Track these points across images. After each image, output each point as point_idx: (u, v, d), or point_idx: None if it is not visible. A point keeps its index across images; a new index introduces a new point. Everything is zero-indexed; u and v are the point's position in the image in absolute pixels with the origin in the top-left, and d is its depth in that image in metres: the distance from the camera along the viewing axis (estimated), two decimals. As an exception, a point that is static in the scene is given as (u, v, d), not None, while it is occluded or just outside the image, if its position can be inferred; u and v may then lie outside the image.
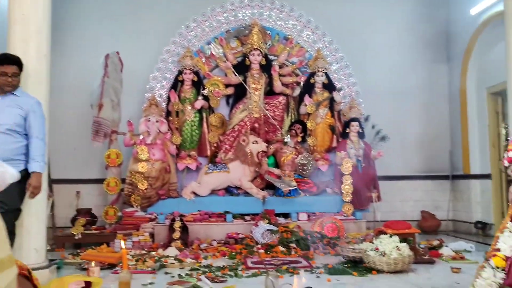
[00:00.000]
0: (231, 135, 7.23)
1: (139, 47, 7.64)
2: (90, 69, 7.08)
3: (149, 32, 7.72)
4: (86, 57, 7.50)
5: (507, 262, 1.51)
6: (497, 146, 7.23)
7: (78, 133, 7.37)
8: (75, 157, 7.49)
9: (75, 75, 7.52)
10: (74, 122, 7.46)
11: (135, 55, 7.44)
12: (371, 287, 3.78)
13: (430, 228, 7.53)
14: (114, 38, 7.57)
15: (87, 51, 7.56)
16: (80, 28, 7.73)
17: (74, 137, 7.44)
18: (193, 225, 6.24)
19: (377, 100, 7.65)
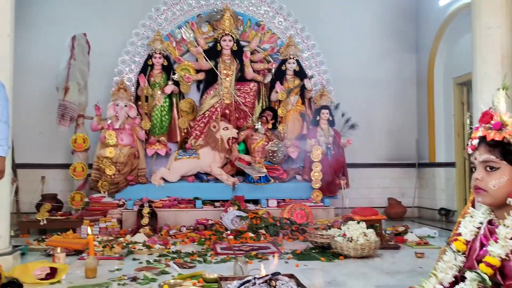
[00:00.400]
0: (201, 121, 7.18)
1: (107, 29, 7.46)
2: (56, 50, 6.87)
3: (117, 14, 7.54)
4: (52, 38, 7.27)
5: (467, 246, 1.55)
6: (461, 135, 7.42)
7: (43, 116, 7.18)
8: (40, 141, 7.30)
9: (40, 57, 7.30)
10: (39, 105, 7.26)
11: (103, 37, 7.26)
12: (338, 272, 3.84)
13: (396, 214, 7.71)
14: (81, 19, 7.36)
15: (53, 32, 7.33)
16: (46, 8, 7.49)
17: (39, 121, 7.24)
18: (162, 211, 6.20)
19: (347, 88, 7.73)
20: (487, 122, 1.50)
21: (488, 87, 4.35)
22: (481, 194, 1.50)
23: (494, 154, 1.46)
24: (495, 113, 1.49)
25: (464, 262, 1.54)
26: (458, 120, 7.47)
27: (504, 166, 1.45)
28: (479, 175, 1.49)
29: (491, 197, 1.48)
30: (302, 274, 3.53)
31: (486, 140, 1.48)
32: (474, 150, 1.52)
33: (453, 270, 1.55)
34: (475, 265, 1.48)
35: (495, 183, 1.46)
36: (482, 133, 1.50)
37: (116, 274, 3.70)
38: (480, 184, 1.49)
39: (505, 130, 1.45)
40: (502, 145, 1.45)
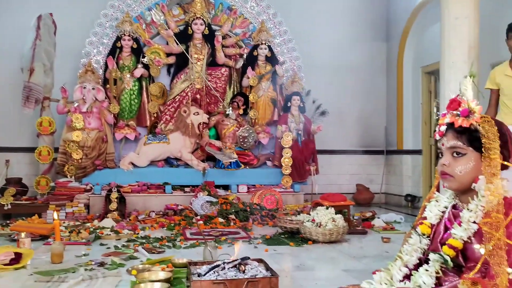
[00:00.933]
0: (171, 105, 7.09)
1: (74, 9, 7.23)
2: (21, 30, 6.63)
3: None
4: (16, 17, 7.01)
5: (432, 230, 1.59)
6: (428, 123, 7.59)
7: (7, 98, 6.95)
8: (4, 124, 7.06)
9: (4, 37, 7.03)
10: (3, 87, 7.02)
11: (70, 18, 7.04)
12: (306, 257, 3.89)
13: (364, 200, 7.85)
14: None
15: (17, 11, 7.06)
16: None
17: (3, 103, 7.01)
18: (131, 196, 6.13)
19: (318, 75, 7.77)
20: (454, 109, 1.53)
21: (455, 76, 4.45)
22: (447, 180, 1.53)
23: (461, 140, 1.49)
24: (463, 100, 1.51)
25: (429, 245, 1.58)
26: (425, 108, 7.64)
27: (470, 152, 1.48)
28: (446, 161, 1.52)
29: (457, 182, 1.51)
30: (271, 259, 3.56)
31: (454, 127, 1.51)
32: (442, 136, 1.55)
33: (418, 253, 1.59)
34: (439, 248, 1.52)
35: (461, 168, 1.49)
36: (449, 120, 1.53)
37: (83, 260, 3.65)
38: (447, 170, 1.52)
39: (472, 117, 1.48)
40: (469, 131, 1.48)
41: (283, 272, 3.28)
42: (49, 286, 2.91)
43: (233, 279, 2.72)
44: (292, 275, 3.30)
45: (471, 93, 1.52)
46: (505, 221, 1.36)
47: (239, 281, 2.71)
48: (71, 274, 3.21)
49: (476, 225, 1.38)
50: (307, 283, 3.01)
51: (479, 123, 1.47)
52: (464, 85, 1.53)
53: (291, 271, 3.43)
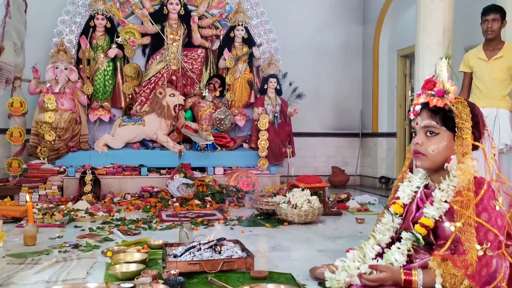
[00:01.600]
0: (147, 87, 6.99)
1: (45, -14, 7.01)
2: (-12, 7, 6.39)
3: (57, -29, 7.08)
4: (-17, -7, 6.75)
5: (404, 209, 1.63)
6: (403, 107, 7.70)
7: (-25, 78, 6.71)
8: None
9: (-30, 13, 6.76)
10: (-30, 66, 6.77)
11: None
12: (282, 238, 3.93)
13: (340, 182, 7.95)
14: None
15: (-16, -13, 6.79)
16: (-24, -40, 6.90)
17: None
18: (106, 178, 6.06)
19: (295, 57, 7.77)
20: (430, 89, 1.55)
21: (429, 59, 4.49)
22: (420, 158, 1.56)
23: (435, 120, 1.52)
24: (438, 81, 1.53)
25: (401, 224, 1.62)
26: (400, 91, 7.74)
27: (444, 132, 1.51)
28: (419, 140, 1.55)
29: (430, 161, 1.54)
30: (247, 240, 3.59)
31: (428, 106, 1.54)
32: (416, 116, 1.57)
33: (391, 232, 1.62)
34: (411, 226, 1.55)
35: (434, 147, 1.52)
36: (424, 100, 1.55)
37: (57, 242, 3.60)
38: (420, 149, 1.55)
39: (447, 97, 1.51)
40: (443, 111, 1.51)
41: (258, 253, 3.32)
42: (22, 268, 2.87)
43: (209, 260, 2.74)
44: (268, 255, 3.34)
45: (446, 74, 1.54)
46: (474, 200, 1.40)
47: (215, 261, 2.73)
48: (45, 256, 3.17)
49: (447, 204, 1.41)
50: (282, 263, 3.05)
51: (453, 103, 1.50)
52: (440, 66, 1.55)
53: (267, 252, 3.46)
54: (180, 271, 2.61)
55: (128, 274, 2.63)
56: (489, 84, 4.22)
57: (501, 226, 1.40)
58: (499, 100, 4.21)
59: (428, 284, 1.38)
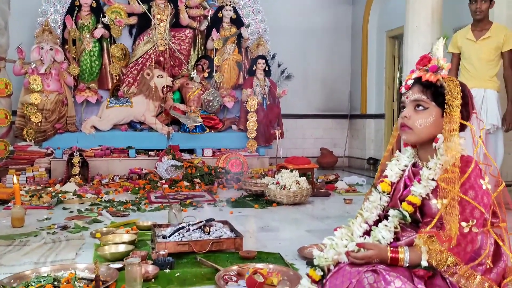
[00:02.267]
0: (134, 68, 6.90)
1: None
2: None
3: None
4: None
5: (392, 187, 1.64)
6: (392, 88, 7.71)
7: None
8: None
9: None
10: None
11: (24, -26, 6.66)
12: (271, 218, 3.96)
13: (328, 164, 8.00)
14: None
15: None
16: None
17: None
18: (93, 161, 6.02)
19: (283, 38, 7.72)
20: (424, 65, 1.56)
21: (418, 40, 4.50)
22: (406, 132, 1.57)
23: (426, 94, 1.53)
24: (433, 58, 1.54)
25: (388, 202, 1.63)
26: (389, 73, 7.74)
27: (433, 107, 1.52)
28: (407, 113, 1.56)
29: (416, 135, 1.56)
30: (236, 221, 3.60)
31: (421, 81, 1.54)
32: (408, 90, 1.58)
33: (378, 210, 1.64)
34: (398, 204, 1.57)
35: (421, 122, 1.54)
36: (417, 75, 1.56)
37: (45, 223, 3.59)
38: (407, 122, 1.56)
39: (440, 72, 1.51)
40: (435, 87, 1.52)
41: (247, 233, 3.34)
42: (10, 250, 2.86)
43: (198, 240, 2.75)
44: (257, 236, 3.36)
45: (442, 53, 1.55)
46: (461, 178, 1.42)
47: (204, 242, 2.75)
48: (33, 237, 3.17)
49: (434, 182, 1.42)
50: (271, 243, 3.07)
51: (445, 80, 1.51)
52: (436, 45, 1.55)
53: (256, 232, 3.48)
54: (169, 252, 2.63)
55: (117, 255, 2.63)
56: (476, 64, 4.24)
57: (487, 204, 1.42)
58: (487, 81, 4.24)
59: (414, 261, 1.40)
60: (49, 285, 2.13)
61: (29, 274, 2.31)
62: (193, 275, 2.40)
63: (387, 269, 1.37)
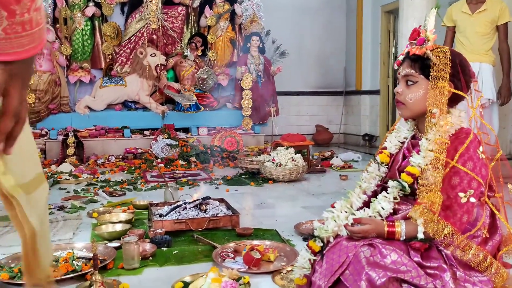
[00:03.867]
0: (127, 46, 6.82)
1: None
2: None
3: None
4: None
5: (390, 159, 1.65)
6: (387, 64, 7.67)
7: None
8: None
9: None
10: None
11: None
12: (267, 195, 3.97)
13: (324, 141, 8.01)
14: None
15: None
16: None
17: None
18: (88, 141, 5.99)
19: (277, 15, 7.63)
20: (413, 39, 1.55)
21: (413, 14, 4.45)
22: (400, 107, 1.58)
23: (414, 68, 1.53)
24: (422, 31, 1.53)
25: (387, 173, 1.64)
26: (384, 48, 7.68)
27: (422, 80, 1.52)
28: (399, 89, 1.57)
29: (408, 110, 1.57)
30: (232, 198, 3.62)
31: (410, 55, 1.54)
32: (399, 66, 1.58)
33: (376, 180, 1.65)
34: (396, 175, 1.57)
35: (411, 96, 1.54)
36: (407, 49, 1.56)
37: (41, 205, 3.59)
38: (400, 98, 1.57)
39: (426, 45, 1.50)
40: (422, 59, 1.51)
41: (244, 211, 3.36)
42: (7, 230, 2.86)
43: (194, 218, 2.76)
44: (253, 213, 3.38)
45: (433, 24, 1.53)
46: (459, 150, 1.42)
47: (201, 219, 2.76)
48: (30, 219, 3.16)
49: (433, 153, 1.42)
50: (267, 220, 3.09)
51: (432, 52, 1.49)
52: (428, 16, 1.54)
53: (252, 209, 3.50)
54: (166, 230, 2.64)
55: (114, 234, 2.64)
56: (472, 38, 4.21)
57: (484, 175, 1.43)
58: (482, 55, 4.22)
59: (411, 234, 1.41)
60: (47, 264, 2.14)
61: (27, 254, 2.31)
62: (190, 253, 2.42)
63: (383, 242, 1.38)
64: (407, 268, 1.32)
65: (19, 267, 2.15)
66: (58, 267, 2.12)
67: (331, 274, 1.37)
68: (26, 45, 0.72)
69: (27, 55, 0.73)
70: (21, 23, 0.69)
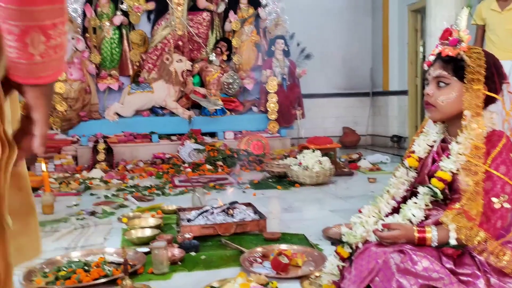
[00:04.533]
0: (153, 53, 6.93)
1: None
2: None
3: None
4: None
5: (419, 163, 1.60)
6: (414, 63, 7.54)
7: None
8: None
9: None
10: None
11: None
12: (293, 199, 3.96)
13: (351, 143, 7.93)
14: None
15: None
16: None
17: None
18: (118, 147, 6.10)
19: (302, 17, 7.61)
20: (445, 39, 1.50)
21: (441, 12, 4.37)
22: (430, 109, 1.52)
23: (447, 70, 1.47)
24: (454, 30, 1.48)
25: (415, 178, 1.60)
26: (411, 47, 7.56)
27: (455, 82, 1.47)
28: (430, 91, 1.51)
29: (440, 113, 1.51)
30: (259, 202, 3.61)
31: (442, 56, 1.49)
32: (430, 66, 1.53)
33: (405, 185, 1.60)
34: (426, 180, 1.53)
35: (443, 98, 1.48)
36: (438, 50, 1.51)
37: (74, 210, 3.68)
38: (430, 100, 1.51)
39: (459, 46, 1.46)
40: (455, 61, 1.46)
41: (271, 215, 3.35)
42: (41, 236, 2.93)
43: (222, 223, 2.77)
44: (280, 217, 3.37)
45: (465, 24, 1.49)
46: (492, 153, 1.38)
47: (228, 224, 2.77)
48: (63, 223, 3.24)
49: (464, 157, 1.38)
50: (294, 224, 3.08)
51: (466, 53, 1.45)
52: (460, 15, 1.49)
53: (279, 213, 3.50)
54: (194, 235, 2.66)
55: (144, 239, 2.68)
56: (502, 35, 4.11)
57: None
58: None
59: (443, 240, 1.36)
60: (80, 269, 2.19)
61: (60, 259, 2.37)
62: (218, 258, 2.43)
63: (413, 249, 1.35)
64: (439, 275, 1.29)
65: (54, 271, 2.21)
66: (90, 272, 2.17)
67: (360, 281, 1.36)
68: (56, 68, 0.76)
69: (56, 78, 0.78)
70: (54, 47, 0.73)
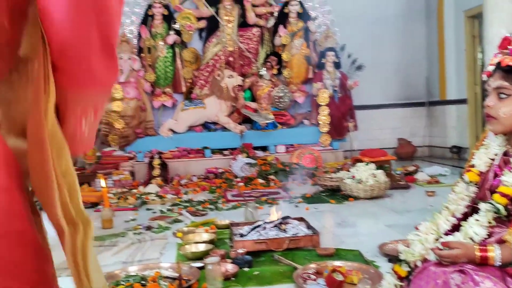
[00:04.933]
0: (205, 70, 7.08)
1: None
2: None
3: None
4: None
5: (480, 177, 1.52)
6: (472, 70, 7.23)
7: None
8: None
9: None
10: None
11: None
12: (347, 213, 3.88)
13: (407, 154, 7.70)
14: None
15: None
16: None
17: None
18: (172, 162, 6.25)
19: (352, 28, 7.51)
20: (504, 48, 1.43)
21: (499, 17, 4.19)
22: (491, 122, 1.44)
23: (508, 80, 1.39)
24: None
25: (476, 193, 1.51)
26: (469, 54, 7.26)
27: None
28: (490, 102, 1.43)
29: (501, 125, 1.43)
30: (312, 217, 3.57)
31: (501, 66, 1.41)
32: (489, 77, 1.46)
33: (465, 201, 1.51)
34: (487, 196, 1.45)
35: (505, 110, 1.40)
36: (498, 59, 1.43)
37: (131, 224, 3.78)
38: (491, 112, 1.43)
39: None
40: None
41: (324, 229, 3.30)
42: (101, 250, 3.03)
43: (274, 238, 2.76)
44: (334, 232, 3.31)
45: None
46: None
47: (281, 239, 2.75)
48: (121, 238, 3.34)
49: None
50: (349, 240, 3.01)
51: None
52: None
53: (333, 228, 3.44)
54: (247, 250, 2.66)
55: (198, 254, 2.71)
56: None
57: None
58: None
59: (507, 260, 1.28)
60: (137, 283, 2.24)
61: (118, 273, 2.44)
62: (271, 274, 2.41)
63: (475, 269, 1.27)
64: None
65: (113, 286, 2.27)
66: (146, 286, 2.21)
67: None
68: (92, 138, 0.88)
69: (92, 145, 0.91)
70: None
